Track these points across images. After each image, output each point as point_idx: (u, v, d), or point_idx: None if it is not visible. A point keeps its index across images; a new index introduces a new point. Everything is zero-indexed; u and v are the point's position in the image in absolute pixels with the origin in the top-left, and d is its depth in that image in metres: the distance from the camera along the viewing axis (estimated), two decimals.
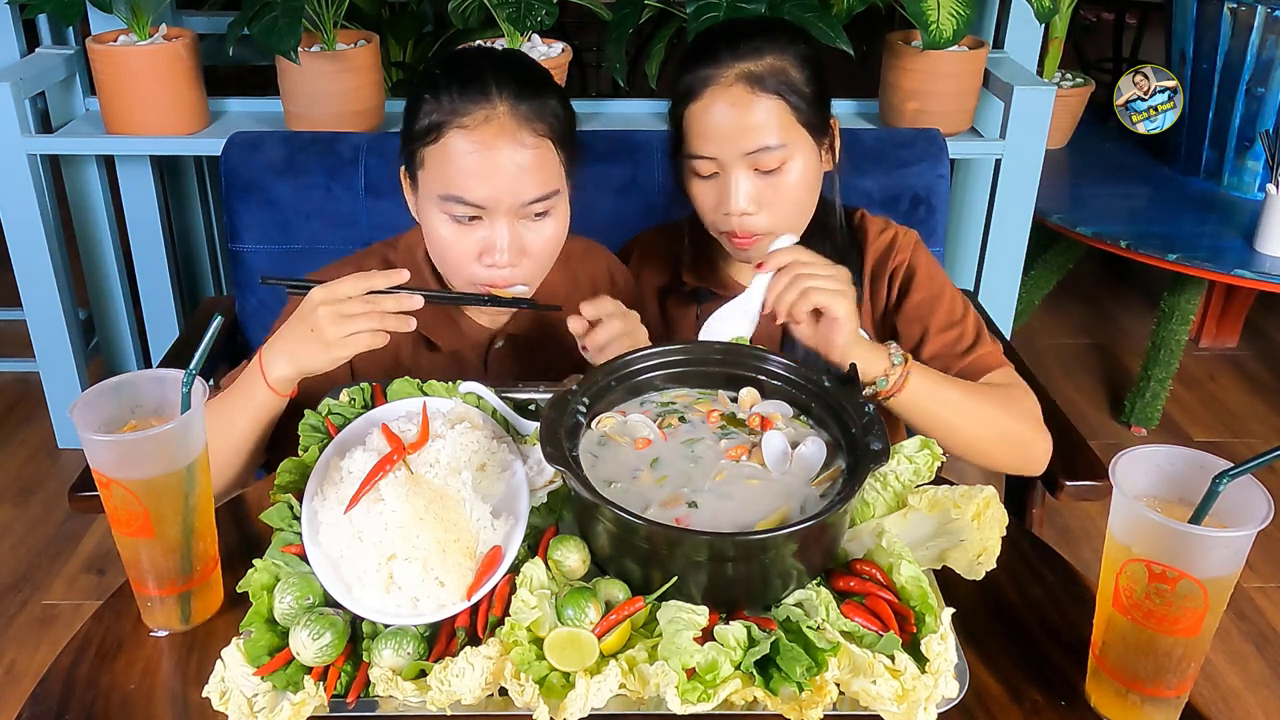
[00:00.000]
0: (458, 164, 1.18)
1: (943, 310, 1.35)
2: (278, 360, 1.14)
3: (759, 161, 1.28)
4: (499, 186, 1.18)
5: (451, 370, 1.35)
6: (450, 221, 1.21)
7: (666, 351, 1.10)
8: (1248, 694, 2.00)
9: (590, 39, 4.26)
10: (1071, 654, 0.92)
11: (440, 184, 1.20)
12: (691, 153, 1.31)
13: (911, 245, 1.41)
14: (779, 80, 1.27)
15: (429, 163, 1.21)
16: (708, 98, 1.28)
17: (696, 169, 1.32)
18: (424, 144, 1.21)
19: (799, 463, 0.98)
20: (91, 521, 2.36)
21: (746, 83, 1.27)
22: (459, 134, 1.18)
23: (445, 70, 1.21)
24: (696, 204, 1.35)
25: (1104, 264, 3.58)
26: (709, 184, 1.32)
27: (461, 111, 1.18)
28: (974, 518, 0.96)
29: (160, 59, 2.18)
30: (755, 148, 1.27)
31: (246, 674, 0.85)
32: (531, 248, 1.23)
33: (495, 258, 1.21)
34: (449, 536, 0.92)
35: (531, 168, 1.19)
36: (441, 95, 1.19)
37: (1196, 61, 2.72)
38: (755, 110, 1.27)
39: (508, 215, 1.20)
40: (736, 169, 1.28)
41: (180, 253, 2.77)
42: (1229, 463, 0.80)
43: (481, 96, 1.18)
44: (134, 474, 0.89)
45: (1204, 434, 2.78)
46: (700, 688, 0.82)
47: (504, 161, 1.18)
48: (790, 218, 1.32)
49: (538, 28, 2.08)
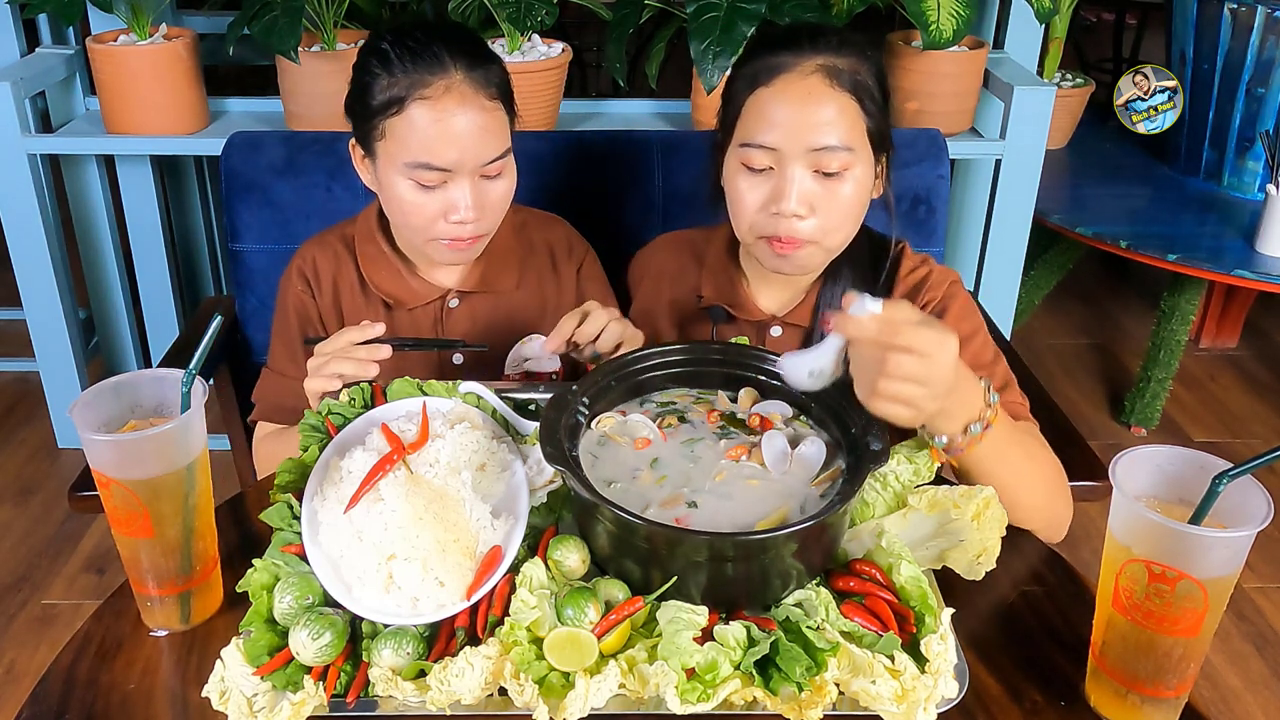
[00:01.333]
0: (424, 133, 1.25)
1: (968, 353, 1.23)
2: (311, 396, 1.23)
3: (821, 161, 1.19)
4: (465, 150, 1.26)
5: (407, 329, 1.42)
6: (415, 188, 1.28)
7: (666, 351, 1.10)
8: (1247, 694, 2.00)
9: (590, 39, 4.26)
10: (1071, 654, 0.92)
11: (406, 152, 1.26)
12: (748, 140, 1.22)
13: (945, 284, 1.32)
14: (856, 80, 1.20)
15: (391, 134, 1.27)
16: (780, 84, 1.20)
17: (749, 160, 1.22)
18: (384, 116, 1.26)
19: (799, 463, 0.98)
20: (91, 521, 2.36)
21: (825, 74, 1.19)
22: (422, 105, 1.24)
23: (395, 44, 1.26)
24: (738, 202, 1.25)
25: (1104, 264, 3.58)
26: (758, 179, 1.23)
27: (420, 83, 1.24)
28: (974, 518, 0.96)
29: (160, 59, 2.18)
30: (821, 145, 1.18)
31: (246, 674, 0.85)
32: (489, 202, 1.31)
33: (460, 214, 1.28)
34: (449, 536, 0.92)
35: (489, 129, 1.27)
36: (396, 69, 1.25)
37: (1197, 62, 2.72)
38: (829, 105, 1.19)
39: (469, 176, 1.28)
40: (795, 165, 1.20)
41: (180, 253, 2.78)
42: (1229, 463, 0.80)
43: (439, 67, 1.25)
44: (134, 474, 0.89)
45: (1204, 434, 2.78)
46: (700, 688, 0.82)
47: (465, 126, 1.25)
48: (837, 233, 1.24)
49: (538, 28, 2.08)
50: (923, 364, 0.91)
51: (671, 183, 1.75)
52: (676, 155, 1.75)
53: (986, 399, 1.01)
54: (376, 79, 1.26)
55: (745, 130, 1.23)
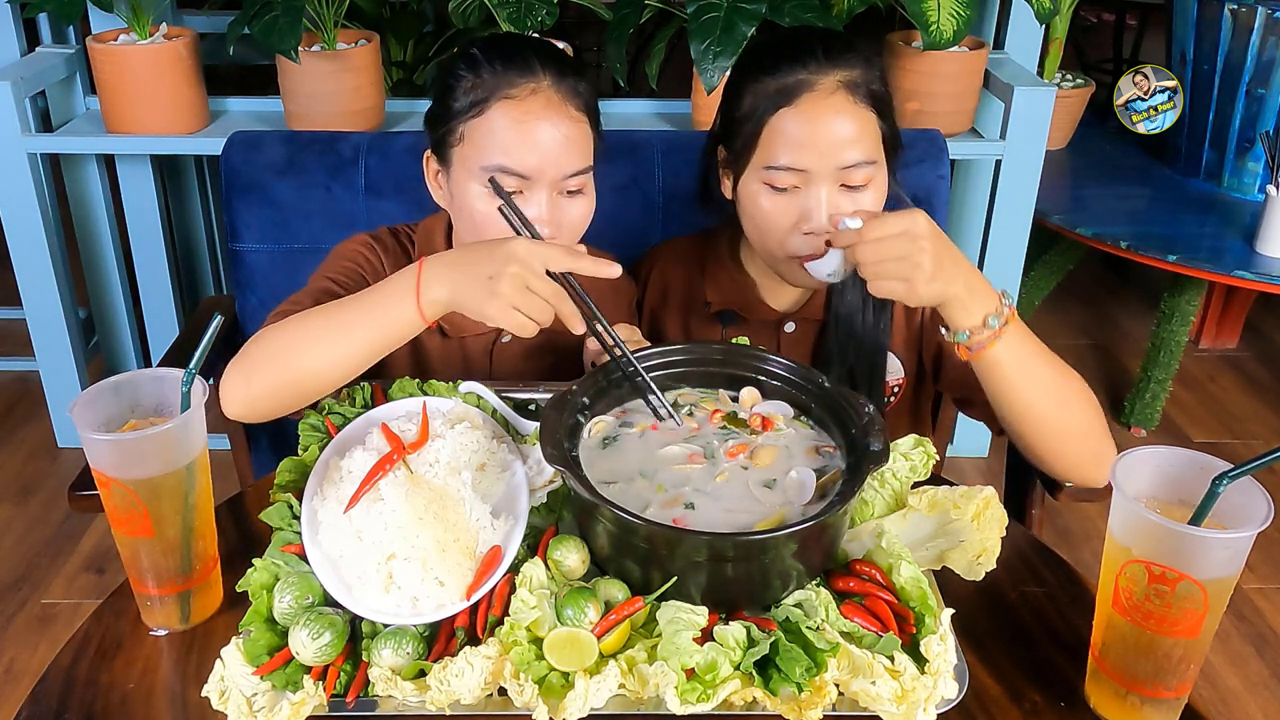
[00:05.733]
0: (504, 135, 1.18)
1: None
2: (440, 282, 1.05)
3: (849, 178, 1.20)
4: (544, 157, 1.19)
5: (456, 359, 1.34)
6: (490, 196, 1.19)
7: (667, 351, 1.10)
8: (1247, 695, 2.00)
9: (590, 39, 4.26)
10: (1071, 655, 0.92)
11: (483, 156, 1.19)
12: (774, 164, 1.21)
13: None
14: (872, 90, 1.21)
15: (470, 137, 1.21)
16: (805, 104, 1.19)
17: (774, 181, 1.21)
18: (464, 119, 1.21)
19: (793, 485, 0.97)
20: (91, 520, 2.36)
21: (848, 90, 1.19)
22: (505, 104, 1.19)
23: (485, 49, 1.22)
24: (764, 222, 1.24)
25: (1104, 265, 3.58)
26: (784, 199, 1.22)
27: (507, 84, 1.19)
28: (974, 518, 0.96)
29: (161, 58, 2.18)
30: (851, 162, 1.19)
31: (246, 673, 0.85)
32: (567, 220, 1.23)
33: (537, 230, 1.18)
34: (449, 536, 0.92)
35: (573, 140, 1.21)
36: (484, 71, 1.20)
37: (1197, 62, 2.72)
38: (854, 122, 1.19)
39: (548, 188, 1.20)
40: (826, 184, 1.19)
41: (180, 252, 2.77)
42: (1229, 464, 0.80)
43: (528, 71, 1.20)
44: (134, 473, 0.89)
45: (1204, 435, 2.78)
46: (700, 688, 0.82)
47: (549, 133, 1.19)
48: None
49: (538, 27, 2.08)
50: (899, 241, 1.04)
51: (671, 183, 1.75)
52: (676, 155, 1.75)
53: (1001, 299, 1.08)
54: (461, 81, 1.21)
55: (769, 152, 1.21)
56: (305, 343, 1.08)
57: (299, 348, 1.08)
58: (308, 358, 1.08)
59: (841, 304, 1.33)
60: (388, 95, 2.35)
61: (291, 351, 1.08)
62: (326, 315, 1.09)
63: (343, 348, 1.07)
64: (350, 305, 1.09)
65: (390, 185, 1.72)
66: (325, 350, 1.08)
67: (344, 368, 1.09)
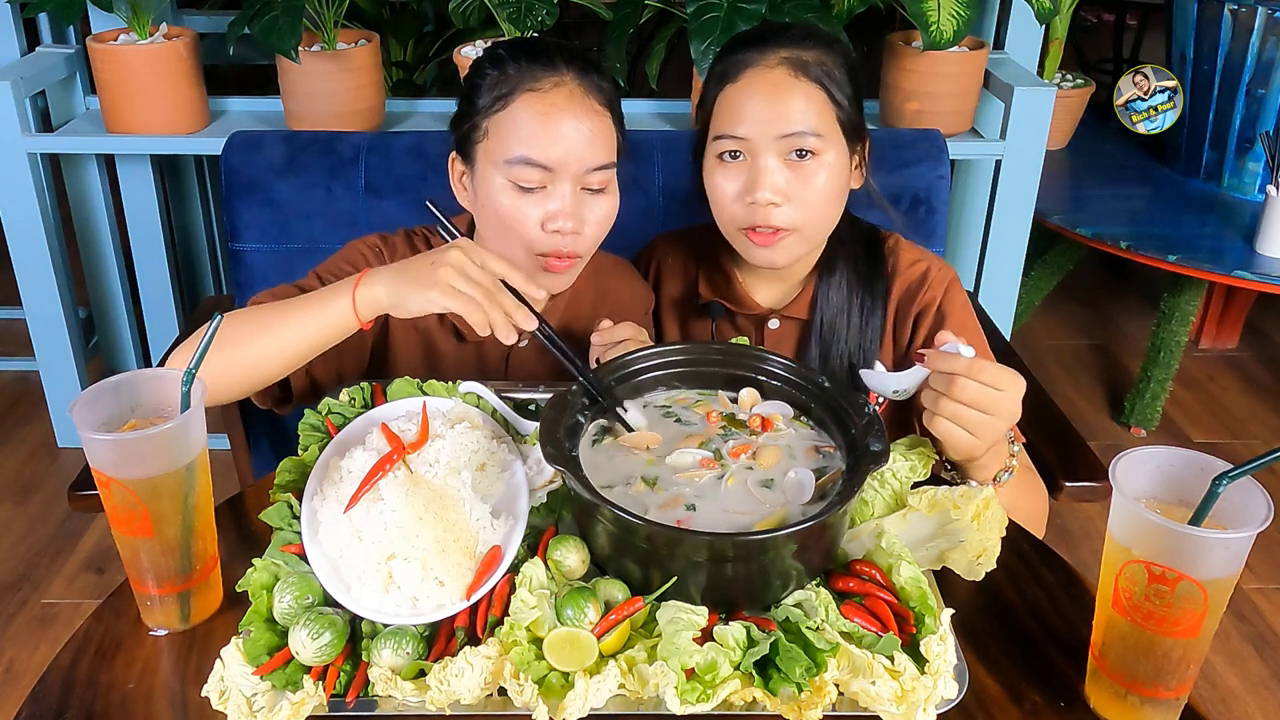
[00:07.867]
0: (528, 127, 1.20)
1: None
2: (378, 282, 1.09)
3: (791, 146, 1.23)
4: (568, 149, 1.20)
5: (473, 363, 1.36)
6: (513, 190, 1.21)
7: (666, 351, 1.10)
8: (1247, 695, 2.00)
9: (590, 39, 4.26)
10: (1071, 655, 0.92)
11: (507, 149, 1.21)
12: (720, 133, 1.25)
13: (945, 283, 1.34)
14: (822, 70, 1.24)
15: (494, 131, 1.22)
16: (746, 79, 1.24)
17: (720, 150, 1.26)
18: (489, 114, 1.22)
19: (792, 485, 0.97)
20: (91, 520, 2.36)
21: (790, 66, 1.23)
22: (529, 97, 1.20)
23: (511, 48, 1.24)
24: (716, 195, 1.28)
25: (1104, 265, 3.58)
26: (733, 170, 1.26)
27: (531, 78, 1.21)
28: (973, 518, 0.96)
29: (161, 58, 2.18)
30: (790, 131, 1.22)
31: (246, 673, 0.85)
32: (589, 219, 1.24)
33: (560, 224, 1.21)
34: (449, 536, 0.92)
35: (596, 134, 1.22)
36: (508, 67, 1.22)
37: (1197, 63, 2.73)
38: (795, 95, 1.23)
39: (571, 181, 1.21)
40: (767, 154, 1.23)
41: (180, 252, 2.78)
42: (1228, 464, 0.80)
43: (551, 66, 1.22)
44: (134, 473, 0.89)
45: (1203, 435, 2.78)
46: (699, 688, 0.82)
47: (572, 125, 1.20)
48: (814, 220, 1.26)
49: (538, 27, 2.08)
50: (991, 395, 1.00)
51: (671, 183, 1.75)
52: (676, 155, 1.75)
53: (1009, 449, 1.12)
54: (486, 78, 1.23)
55: (717, 125, 1.27)
56: (250, 332, 1.11)
57: (242, 336, 1.11)
58: (248, 347, 1.11)
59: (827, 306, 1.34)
60: (388, 95, 2.35)
61: (236, 339, 1.10)
62: (276, 309, 1.13)
63: (280, 340, 1.11)
64: (298, 301, 1.13)
65: (390, 185, 1.73)
66: (266, 341, 1.11)
67: (281, 360, 1.13)
